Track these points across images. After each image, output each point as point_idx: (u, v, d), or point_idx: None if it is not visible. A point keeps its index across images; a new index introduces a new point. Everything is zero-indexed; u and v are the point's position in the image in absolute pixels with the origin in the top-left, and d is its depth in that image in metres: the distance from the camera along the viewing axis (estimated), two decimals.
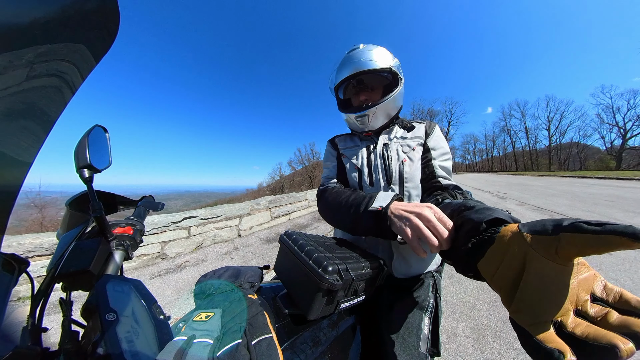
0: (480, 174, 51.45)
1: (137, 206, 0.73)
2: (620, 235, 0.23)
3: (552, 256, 0.28)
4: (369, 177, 0.86)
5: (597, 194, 8.29)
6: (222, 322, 0.39)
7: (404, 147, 0.85)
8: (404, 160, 0.82)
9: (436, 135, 0.87)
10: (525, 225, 0.33)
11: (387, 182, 0.83)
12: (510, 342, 1.60)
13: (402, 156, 0.84)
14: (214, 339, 0.34)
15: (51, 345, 0.36)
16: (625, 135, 52.72)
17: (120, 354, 0.28)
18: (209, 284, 0.52)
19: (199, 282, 0.54)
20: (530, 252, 0.30)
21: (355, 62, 0.84)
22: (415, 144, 0.84)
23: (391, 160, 0.84)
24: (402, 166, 0.82)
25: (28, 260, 0.40)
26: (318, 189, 0.93)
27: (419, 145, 0.84)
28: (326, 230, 4.95)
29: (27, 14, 0.29)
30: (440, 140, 0.87)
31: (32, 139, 0.38)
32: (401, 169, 0.82)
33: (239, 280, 0.55)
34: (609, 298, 0.28)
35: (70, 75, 0.38)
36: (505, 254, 0.33)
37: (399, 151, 0.85)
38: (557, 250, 0.28)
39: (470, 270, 0.39)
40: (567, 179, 18.48)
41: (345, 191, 0.76)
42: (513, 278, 0.31)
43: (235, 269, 0.59)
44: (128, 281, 0.39)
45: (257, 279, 0.58)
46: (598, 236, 0.25)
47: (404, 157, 0.83)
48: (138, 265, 3.26)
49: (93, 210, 0.45)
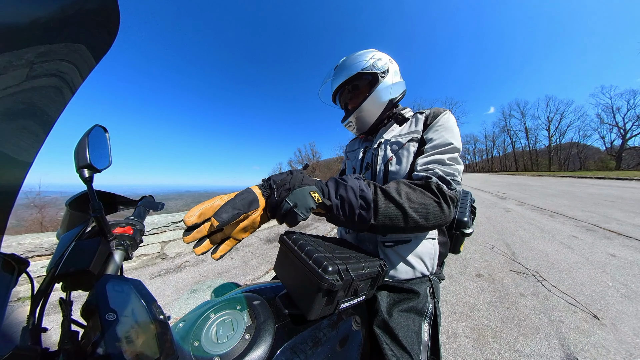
0: (480, 174, 51.46)
1: (137, 206, 0.73)
2: None
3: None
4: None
5: (597, 194, 8.30)
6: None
7: (393, 146, 0.83)
8: (390, 158, 0.82)
9: (438, 124, 0.77)
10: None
11: (373, 180, 0.83)
12: (511, 343, 1.60)
13: (388, 155, 0.83)
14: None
15: (51, 345, 0.36)
16: (625, 136, 52.76)
17: (120, 354, 0.28)
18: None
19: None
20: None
21: (332, 81, 0.94)
22: (407, 140, 0.80)
23: (377, 160, 0.85)
24: (388, 165, 0.82)
25: (28, 261, 0.40)
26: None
27: (412, 140, 0.79)
28: (326, 230, 4.95)
29: (27, 13, 0.29)
30: (439, 130, 0.75)
31: (32, 139, 0.38)
32: (386, 168, 0.82)
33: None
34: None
35: (70, 75, 0.38)
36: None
37: (386, 150, 0.84)
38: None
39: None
40: (567, 179, 18.48)
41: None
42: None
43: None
44: (128, 281, 0.39)
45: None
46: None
47: (390, 156, 0.83)
48: (138, 265, 3.26)
49: (93, 210, 0.45)
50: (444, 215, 0.62)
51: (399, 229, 0.59)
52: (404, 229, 0.59)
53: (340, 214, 0.56)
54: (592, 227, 4.15)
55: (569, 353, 1.49)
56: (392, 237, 0.78)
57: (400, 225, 0.58)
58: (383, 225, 0.58)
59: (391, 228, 0.59)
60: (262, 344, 0.45)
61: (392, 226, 0.58)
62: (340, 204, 0.56)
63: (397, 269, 0.77)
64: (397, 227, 0.59)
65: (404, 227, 0.59)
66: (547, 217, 5.11)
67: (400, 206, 0.58)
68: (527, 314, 1.88)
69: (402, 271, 0.77)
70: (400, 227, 0.59)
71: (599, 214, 5.06)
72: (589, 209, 5.71)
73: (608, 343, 1.54)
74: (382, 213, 0.57)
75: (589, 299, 2.04)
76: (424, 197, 0.61)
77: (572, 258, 2.89)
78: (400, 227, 0.59)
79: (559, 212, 5.46)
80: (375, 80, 0.87)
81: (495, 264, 2.84)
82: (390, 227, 0.59)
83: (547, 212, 5.56)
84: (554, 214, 5.32)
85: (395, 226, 0.58)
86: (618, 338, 1.58)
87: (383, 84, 0.86)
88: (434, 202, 0.61)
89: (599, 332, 1.64)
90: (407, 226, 0.59)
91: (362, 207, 0.56)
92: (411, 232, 0.63)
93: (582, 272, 2.53)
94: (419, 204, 0.59)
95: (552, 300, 2.05)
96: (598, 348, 1.51)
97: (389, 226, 0.58)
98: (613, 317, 1.79)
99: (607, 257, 2.84)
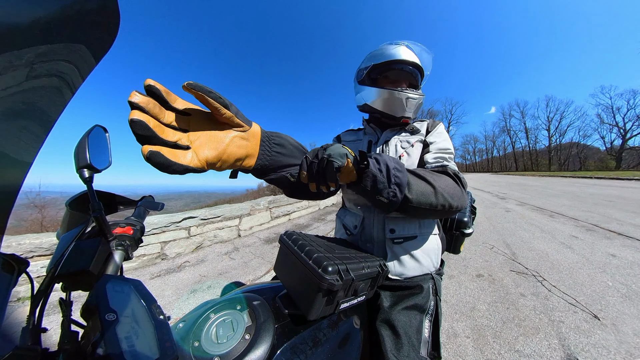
0: (480, 174, 51.48)
1: (137, 206, 0.73)
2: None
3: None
4: None
5: (597, 194, 8.29)
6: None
7: (403, 144, 0.85)
8: (402, 155, 0.82)
9: (437, 131, 0.86)
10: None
11: None
12: (511, 343, 1.60)
13: (399, 151, 0.84)
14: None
15: (51, 346, 0.36)
16: (625, 136, 52.79)
17: (120, 354, 0.28)
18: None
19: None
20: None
21: (411, 54, 0.87)
22: (415, 140, 0.84)
23: (388, 154, 0.84)
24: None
25: (28, 261, 0.40)
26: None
27: (418, 142, 0.84)
28: (326, 231, 4.94)
29: (27, 14, 0.29)
30: (440, 135, 0.85)
31: (32, 139, 0.38)
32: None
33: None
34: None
35: (70, 76, 0.38)
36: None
37: (397, 147, 0.85)
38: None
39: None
40: (567, 179, 18.48)
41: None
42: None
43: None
44: (128, 281, 0.39)
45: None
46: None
47: (401, 152, 0.83)
48: (138, 265, 3.26)
49: (93, 210, 0.45)
50: (464, 198, 0.67)
51: (429, 208, 0.60)
52: (434, 208, 0.61)
53: (377, 176, 0.53)
54: (592, 227, 4.14)
55: (569, 353, 1.49)
56: (401, 233, 0.78)
57: (432, 201, 0.60)
58: (417, 200, 0.58)
59: (423, 204, 0.59)
60: (262, 344, 0.45)
61: (424, 202, 0.59)
62: (377, 165, 0.54)
63: (406, 266, 0.78)
64: (429, 203, 0.60)
65: (435, 204, 0.60)
66: (547, 217, 5.11)
67: (430, 183, 0.61)
68: (527, 314, 1.88)
69: (409, 268, 0.78)
70: (432, 203, 0.60)
71: (599, 214, 5.06)
72: (589, 209, 5.70)
73: (608, 343, 1.54)
74: (415, 188, 0.58)
75: (589, 299, 2.04)
76: (447, 179, 0.66)
77: (573, 258, 2.88)
78: (432, 205, 0.60)
79: (559, 212, 5.46)
80: (419, 80, 0.91)
81: (496, 264, 2.83)
82: (423, 203, 0.59)
83: (547, 212, 5.56)
84: (554, 214, 5.32)
85: (428, 202, 0.60)
86: (618, 338, 1.58)
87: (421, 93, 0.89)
88: (456, 184, 0.67)
89: (599, 332, 1.64)
90: (438, 203, 0.60)
91: (398, 170, 0.56)
92: (438, 214, 0.64)
93: (583, 272, 2.52)
94: (445, 184, 0.63)
95: (553, 300, 2.05)
96: (598, 348, 1.51)
97: (422, 202, 0.59)
98: (613, 318, 1.79)
99: (607, 257, 2.84)
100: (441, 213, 0.63)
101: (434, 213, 0.62)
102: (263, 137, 0.49)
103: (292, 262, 0.54)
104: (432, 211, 0.61)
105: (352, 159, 0.51)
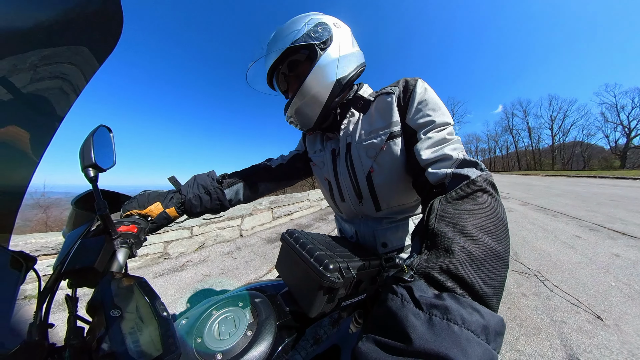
0: None
1: None
2: None
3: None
4: (338, 191, 0.78)
5: (601, 193, 8.21)
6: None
7: (369, 150, 0.66)
8: (371, 170, 0.67)
9: (419, 105, 0.60)
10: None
11: (357, 198, 0.73)
12: (512, 343, 1.59)
13: (367, 164, 0.67)
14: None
15: (57, 341, 0.37)
16: (629, 134, 52.11)
17: (124, 350, 0.28)
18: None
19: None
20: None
21: (265, 59, 0.71)
22: (384, 139, 0.64)
23: (356, 171, 0.69)
24: (370, 177, 0.68)
25: (35, 258, 0.41)
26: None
27: (392, 138, 0.63)
28: (328, 230, 4.95)
29: (30, 17, 0.30)
30: (423, 108, 0.59)
31: (38, 140, 0.38)
32: (370, 182, 0.68)
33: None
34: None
35: (74, 78, 0.39)
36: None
37: (362, 158, 0.67)
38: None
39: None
40: (571, 178, 18.30)
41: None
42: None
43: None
44: (132, 278, 0.40)
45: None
46: None
47: (370, 165, 0.66)
48: (141, 264, 3.29)
49: (98, 209, 0.46)
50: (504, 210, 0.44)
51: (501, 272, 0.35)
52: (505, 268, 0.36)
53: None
54: (595, 226, 4.10)
55: (571, 354, 1.48)
56: (393, 246, 0.76)
57: (505, 274, 0.35)
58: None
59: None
60: (263, 341, 0.45)
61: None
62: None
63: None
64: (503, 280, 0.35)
65: (506, 271, 0.36)
66: (550, 216, 5.06)
67: (490, 253, 0.35)
68: (528, 314, 1.87)
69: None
70: (505, 275, 0.35)
71: (602, 214, 5.01)
72: (592, 208, 5.65)
73: (611, 344, 1.53)
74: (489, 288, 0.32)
75: (592, 299, 2.03)
76: (487, 209, 0.40)
77: (575, 258, 2.86)
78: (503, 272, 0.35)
79: (562, 212, 5.41)
80: (314, 55, 0.64)
81: None
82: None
83: (550, 212, 5.51)
84: (557, 214, 5.27)
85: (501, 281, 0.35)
86: (621, 339, 1.57)
87: (324, 59, 0.63)
88: (496, 206, 0.42)
89: (602, 333, 1.63)
90: (508, 266, 0.36)
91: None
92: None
93: (585, 272, 2.50)
94: (492, 225, 0.38)
95: (555, 300, 2.04)
96: (601, 349, 1.50)
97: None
98: (617, 318, 1.77)
99: (610, 257, 2.81)
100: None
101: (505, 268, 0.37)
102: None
103: (294, 260, 0.55)
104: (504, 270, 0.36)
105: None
